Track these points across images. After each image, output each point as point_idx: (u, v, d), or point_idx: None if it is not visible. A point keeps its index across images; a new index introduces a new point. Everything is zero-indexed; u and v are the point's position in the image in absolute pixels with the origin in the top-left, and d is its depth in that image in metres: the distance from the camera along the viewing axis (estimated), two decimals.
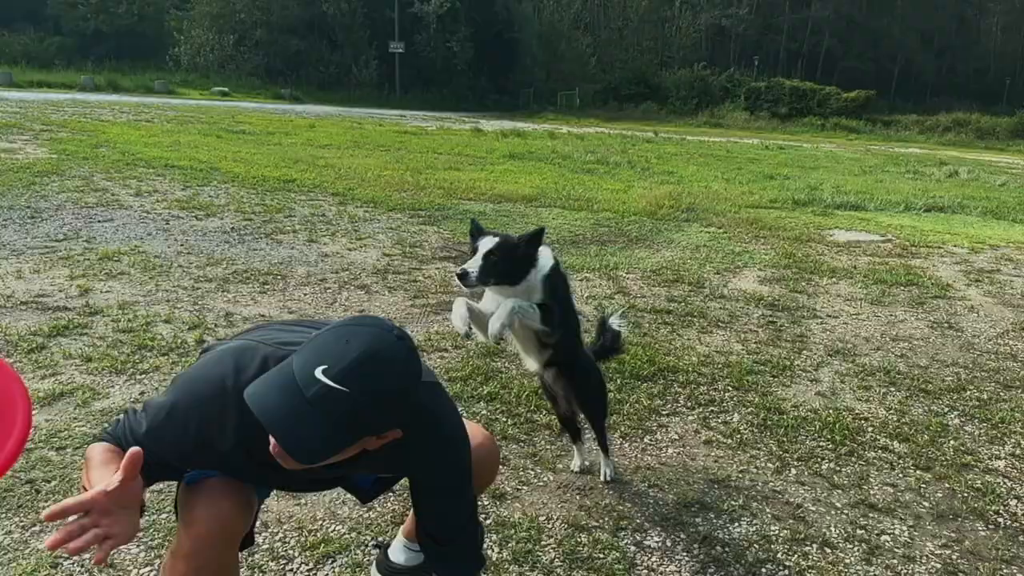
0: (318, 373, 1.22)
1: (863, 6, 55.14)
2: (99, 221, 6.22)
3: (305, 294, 4.71)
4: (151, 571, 2.00)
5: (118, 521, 1.23)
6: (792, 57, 56.32)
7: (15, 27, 41.91)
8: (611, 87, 47.92)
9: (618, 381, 3.54)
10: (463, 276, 2.32)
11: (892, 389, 3.82)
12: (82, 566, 2.00)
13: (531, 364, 2.66)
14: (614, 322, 3.06)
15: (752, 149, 22.32)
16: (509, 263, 2.40)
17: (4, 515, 2.18)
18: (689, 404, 3.44)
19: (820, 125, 40.00)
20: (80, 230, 5.86)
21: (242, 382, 1.36)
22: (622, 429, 3.11)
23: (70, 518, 1.21)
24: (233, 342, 1.55)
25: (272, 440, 1.26)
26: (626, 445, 2.99)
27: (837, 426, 3.30)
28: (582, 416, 2.82)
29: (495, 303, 2.56)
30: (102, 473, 1.32)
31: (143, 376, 3.22)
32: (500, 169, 12.27)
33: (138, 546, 2.09)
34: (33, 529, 2.13)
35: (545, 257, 2.52)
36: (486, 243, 2.37)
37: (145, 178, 8.57)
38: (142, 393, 3.05)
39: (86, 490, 1.30)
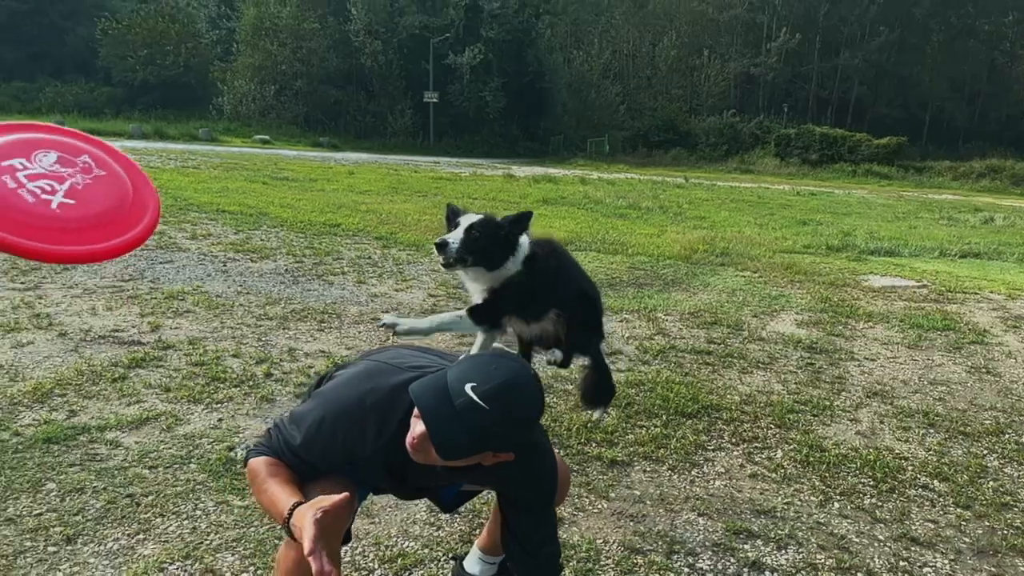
0: (467, 388, 1.46)
1: (892, 54, 55.38)
2: (161, 263, 6.57)
3: (360, 331, 4.95)
4: (235, 570, 2.20)
5: (328, 540, 1.46)
6: (821, 104, 56.60)
7: (67, 78, 44.13)
8: (640, 134, 48.51)
9: (664, 417, 3.69)
10: (442, 246, 2.29)
11: (931, 431, 3.91)
12: (184, 570, 2.20)
13: None
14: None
15: (783, 195, 22.43)
16: (490, 242, 2.31)
17: (111, 525, 2.40)
18: (733, 440, 3.57)
19: (851, 171, 39.95)
20: (144, 271, 6.20)
21: (378, 400, 1.59)
22: (670, 462, 3.25)
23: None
24: (366, 363, 1.78)
25: (411, 434, 1.48)
26: (675, 477, 3.13)
27: (878, 464, 3.40)
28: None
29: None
30: (278, 487, 1.57)
31: (219, 405, 3.46)
32: (535, 214, 12.55)
33: (233, 555, 2.29)
34: (138, 537, 2.35)
35: (523, 246, 2.50)
36: (469, 218, 2.32)
37: (199, 222, 8.99)
38: (220, 420, 3.28)
39: (262, 503, 1.57)
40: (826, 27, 54.91)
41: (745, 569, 2.49)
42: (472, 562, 2.15)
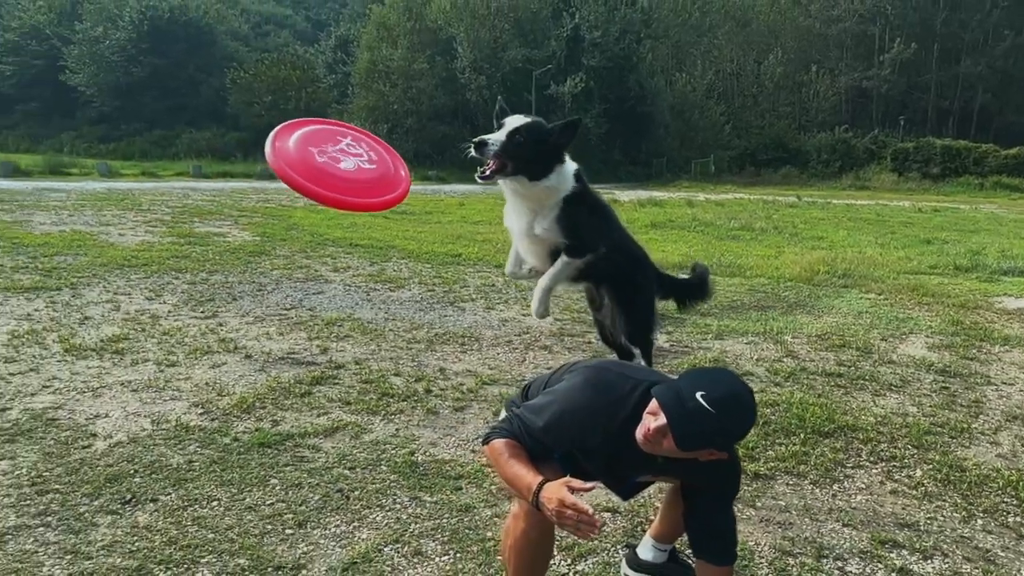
0: (698, 395, 1.81)
1: (1019, 58, 51.79)
2: (313, 293, 7.26)
3: (498, 353, 5.36)
4: (448, 559, 2.59)
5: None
6: (942, 115, 53.62)
7: (200, 125, 48.12)
8: (747, 152, 47.63)
9: (801, 436, 3.86)
10: (481, 146, 2.30)
11: None
12: (398, 551, 2.62)
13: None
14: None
15: (904, 212, 21.53)
16: (534, 149, 2.20)
17: (330, 514, 2.87)
18: (871, 459, 3.69)
19: (978, 185, 37.62)
20: (301, 300, 6.89)
21: (607, 402, 1.99)
22: (811, 476, 3.43)
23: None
24: (594, 371, 2.15)
25: (646, 427, 1.85)
26: (817, 490, 3.31)
27: (1021, 484, 3.43)
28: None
29: (516, 217, 2.78)
30: (521, 465, 1.96)
31: (393, 417, 3.94)
32: (644, 238, 12.65)
33: (434, 541, 2.70)
34: (354, 524, 2.81)
35: (570, 163, 2.53)
36: (514, 120, 2.21)
37: (336, 256, 9.78)
38: (397, 430, 3.75)
39: (505, 474, 1.96)
40: (944, 34, 52.16)
41: (893, 574, 2.66)
42: (645, 549, 2.46)
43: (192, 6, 52.26)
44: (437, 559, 2.59)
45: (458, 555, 2.61)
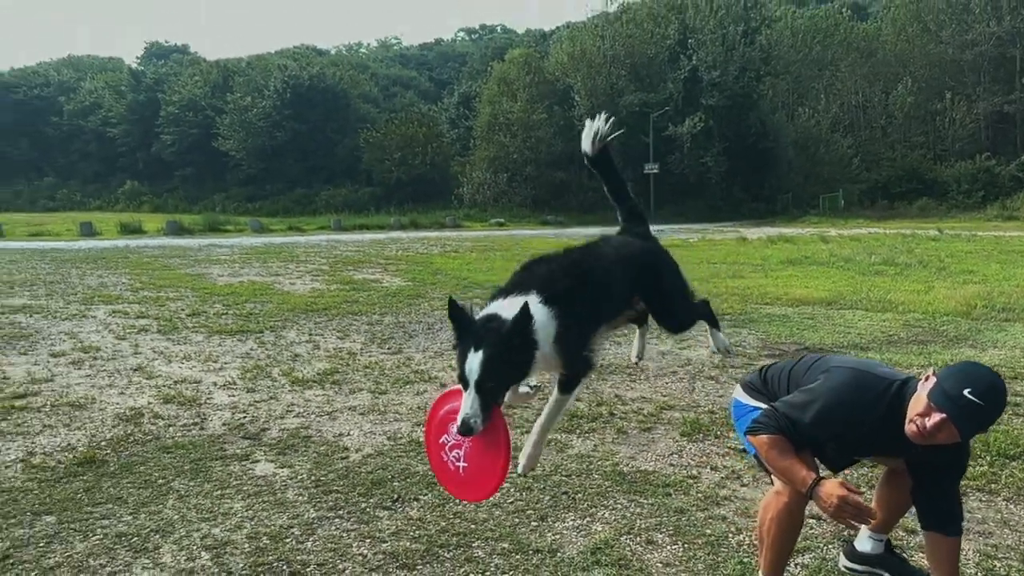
0: (965, 392, 2.16)
1: None
2: None
3: (666, 383, 5.73)
4: (678, 547, 2.98)
5: None
6: None
7: (337, 182, 51.74)
8: (879, 186, 45.59)
9: (988, 459, 3.98)
10: (467, 431, 2.12)
11: None
12: (632, 540, 3.03)
13: None
14: None
15: None
16: (507, 373, 2.17)
17: (564, 511, 3.35)
18: None
19: None
20: None
21: (869, 400, 2.37)
22: (1004, 494, 3.58)
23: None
24: (851, 371, 2.49)
25: (920, 425, 2.22)
26: (1012, 506, 3.46)
27: None
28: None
29: None
30: (793, 459, 2.35)
31: (588, 435, 4.41)
32: (784, 275, 12.73)
33: (661, 533, 3.10)
34: (586, 519, 3.27)
35: (540, 316, 2.20)
36: (473, 366, 2.09)
37: (484, 297, 10.41)
38: (595, 446, 4.20)
39: (778, 467, 2.36)
40: None
41: None
42: (862, 541, 2.76)
43: (329, 74, 56.79)
44: (668, 547, 2.99)
45: (686, 545, 3.00)
